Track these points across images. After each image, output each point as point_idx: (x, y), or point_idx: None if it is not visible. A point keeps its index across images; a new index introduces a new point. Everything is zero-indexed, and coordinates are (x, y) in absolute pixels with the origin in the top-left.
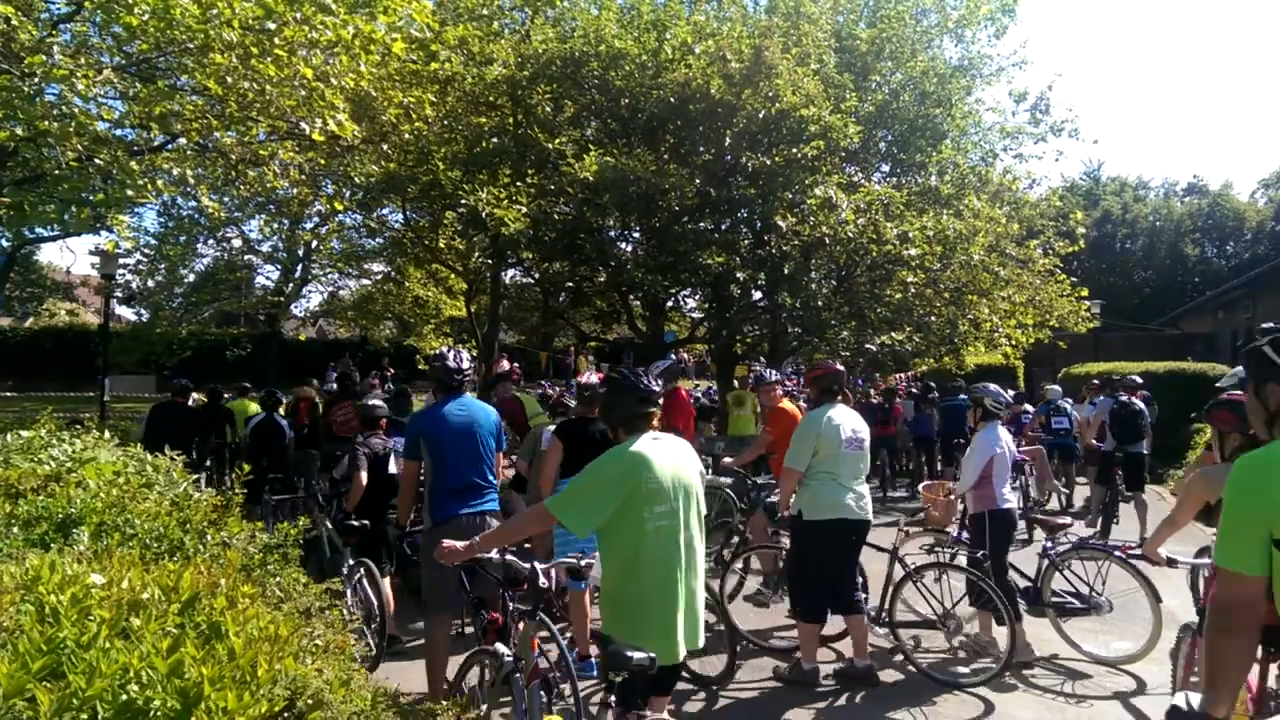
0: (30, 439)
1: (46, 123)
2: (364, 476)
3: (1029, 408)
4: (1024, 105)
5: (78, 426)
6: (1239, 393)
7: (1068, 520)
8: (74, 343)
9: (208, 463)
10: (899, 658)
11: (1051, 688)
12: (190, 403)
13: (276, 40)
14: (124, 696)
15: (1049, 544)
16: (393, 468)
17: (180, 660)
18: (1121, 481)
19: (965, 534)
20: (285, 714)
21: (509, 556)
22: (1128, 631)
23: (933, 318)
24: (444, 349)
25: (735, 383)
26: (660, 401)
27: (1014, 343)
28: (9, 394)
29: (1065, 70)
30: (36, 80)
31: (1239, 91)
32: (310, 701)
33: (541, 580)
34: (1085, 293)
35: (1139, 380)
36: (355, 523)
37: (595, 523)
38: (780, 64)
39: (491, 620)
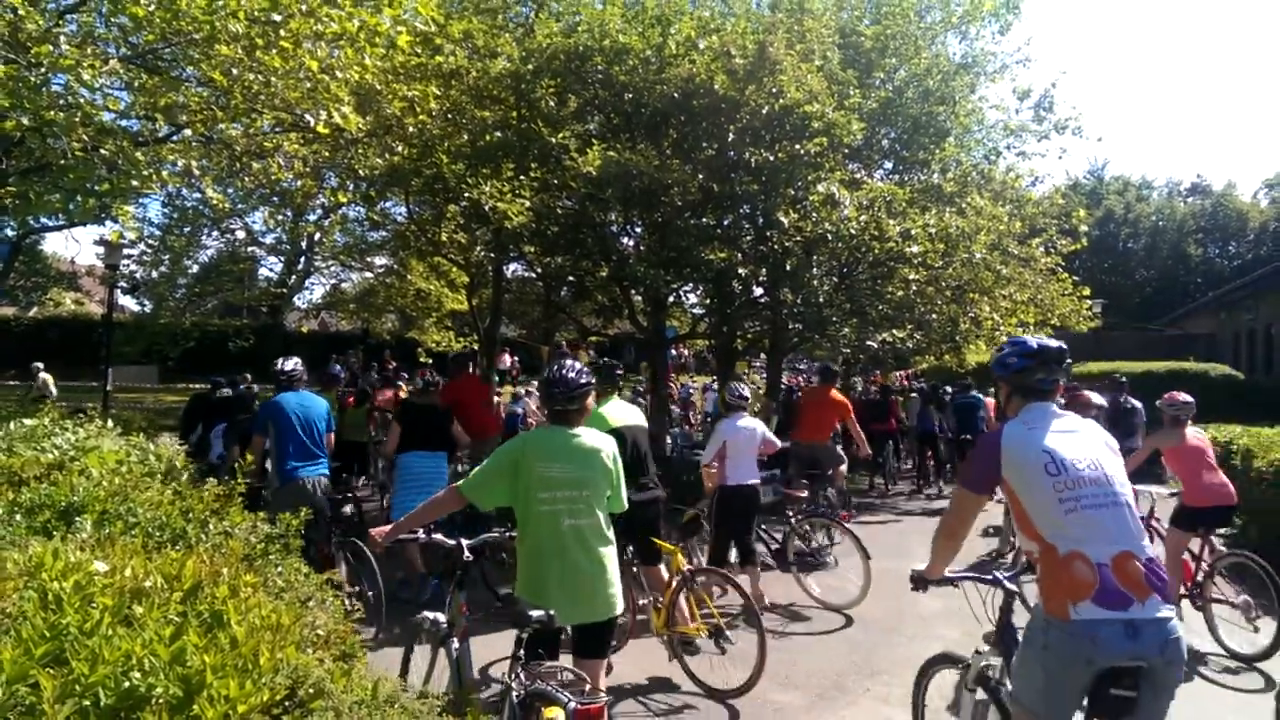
0: (33, 427)
1: (52, 112)
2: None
3: None
4: (1027, 103)
5: (80, 416)
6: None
7: (804, 494)
8: (78, 332)
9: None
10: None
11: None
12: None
13: (282, 32)
14: (126, 683)
15: (789, 513)
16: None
17: (182, 648)
18: None
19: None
20: (286, 702)
21: (436, 535)
22: (847, 580)
23: (934, 315)
24: (281, 360)
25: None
26: (587, 397)
27: None
28: (12, 383)
29: (1069, 68)
30: (43, 70)
31: (1243, 92)
32: (311, 690)
33: (466, 555)
34: (1087, 292)
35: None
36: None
37: (495, 500)
38: (784, 60)
39: (319, 550)
